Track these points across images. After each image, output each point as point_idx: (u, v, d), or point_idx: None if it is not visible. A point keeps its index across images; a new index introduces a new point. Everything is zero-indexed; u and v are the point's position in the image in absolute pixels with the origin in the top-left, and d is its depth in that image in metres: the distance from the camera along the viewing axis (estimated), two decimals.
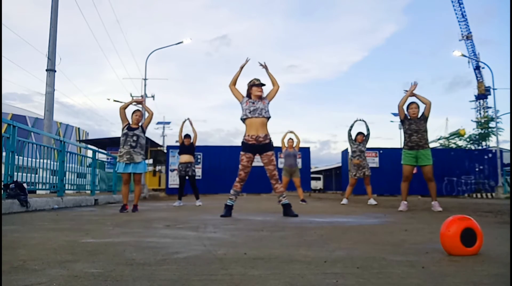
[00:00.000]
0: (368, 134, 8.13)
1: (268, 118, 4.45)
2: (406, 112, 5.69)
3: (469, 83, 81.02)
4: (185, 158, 7.68)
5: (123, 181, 5.49)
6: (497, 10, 74.71)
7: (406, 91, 5.74)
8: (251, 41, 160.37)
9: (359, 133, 8.16)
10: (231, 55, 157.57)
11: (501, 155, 18.66)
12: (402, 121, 5.70)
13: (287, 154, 8.49)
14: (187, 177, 7.69)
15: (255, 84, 4.47)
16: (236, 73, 4.53)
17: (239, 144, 4.56)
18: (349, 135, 8.14)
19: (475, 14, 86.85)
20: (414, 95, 5.66)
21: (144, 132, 5.51)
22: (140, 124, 5.58)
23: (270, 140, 4.46)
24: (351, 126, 8.12)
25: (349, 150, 8.14)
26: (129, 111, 5.54)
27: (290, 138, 8.62)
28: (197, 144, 8.02)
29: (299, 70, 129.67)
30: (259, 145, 4.38)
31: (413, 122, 5.58)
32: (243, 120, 4.45)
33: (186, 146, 7.78)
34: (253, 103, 4.41)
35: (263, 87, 4.48)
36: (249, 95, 4.50)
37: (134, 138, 5.35)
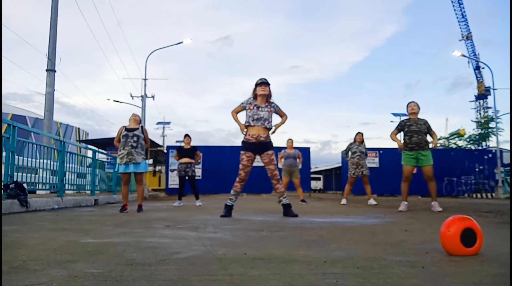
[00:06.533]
0: (366, 153, 8.25)
1: (270, 128, 4.46)
2: (401, 131, 5.73)
3: (471, 84, 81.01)
4: (185, 158, 7.68)
5: (123, 181, 5.49)
6: (499, 10, 74.76)
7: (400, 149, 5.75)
8: (253, 42, 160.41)
9: (358, 133, 8.19)
10: (233, 56, 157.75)
11: (501, 155, 18.66)
12: (402, 128, 5.70)
13: (287, 156, 8.52)
14: (186, 177, 7.68)
15: (259, 83, 4.45)
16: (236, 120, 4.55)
17: (240, 144, 4.57)
18: (346, 154, 8.28)
19: (476, 14, 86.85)
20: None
21: (143, 133, 5.52)
22: (140, 124, 5.60)
23: (271, 140, 4.47)
24: (347, 150, 8.23)
25: (350, 153, 8.19)
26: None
27: (290, 139, 8.65)
28: (197, 144, 8.02)
29: (301, 71, 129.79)
30: (260, 143, 4.38)
31: (413, 123, 5.57)
32: (246, 126, 4.47)
33: (186, 149, 7.75)
34: (258, 108, 4.40)
35: (268, 87, 4.44)
36: (255, 96, 4.48)
37: (135, 138, 5.37)
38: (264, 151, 4.39)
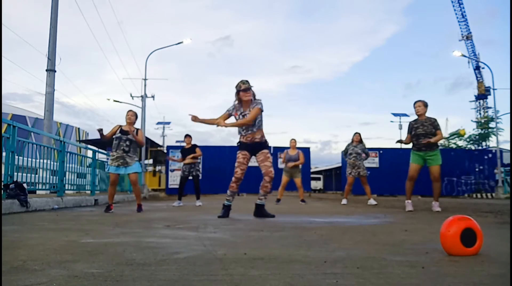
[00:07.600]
0: (367, 153, 8.29)
1: (260, 129, 4.40)
2: (412, 132, 5.61)
3: (471, 84, 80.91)
4: (188, 159, 7.67)
5: (110, 181, 5.43)
6: (499, 10, 74.78)
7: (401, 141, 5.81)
8: (253, 42, 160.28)
9: (356, 134, 8.21)
10: (234, 56, 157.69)
11: (501, 155, 18.64)
12: (410, 131, 5.61)
13: (288, 158, 8.52)
14: (190, 177, 7.67)
15: (241, 89, 4.26)
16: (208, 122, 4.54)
17: None
18: (345, 154, 8.33)
19: (476, 14, 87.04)
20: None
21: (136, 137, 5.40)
22: (135, 126, 5.54)
23: (265, 141, 4.47)
24: (346, 151, 8.29)
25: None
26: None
27: (293, 139, 8.67)
28: (197, 144, 8.00)
29: (301, 71, 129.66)
30: (254, 144, 4.40)
31: (420, 125, 5.49)
32: (240, 135, 4.47)
33: (187, 149, 7.75)
34: (244, 116, 4.31)
35: (250, 91, 4.27)
36: (239, 100, 4.34)
37: (127, 142, 5.32)
38: (259, 150, 4.41)
